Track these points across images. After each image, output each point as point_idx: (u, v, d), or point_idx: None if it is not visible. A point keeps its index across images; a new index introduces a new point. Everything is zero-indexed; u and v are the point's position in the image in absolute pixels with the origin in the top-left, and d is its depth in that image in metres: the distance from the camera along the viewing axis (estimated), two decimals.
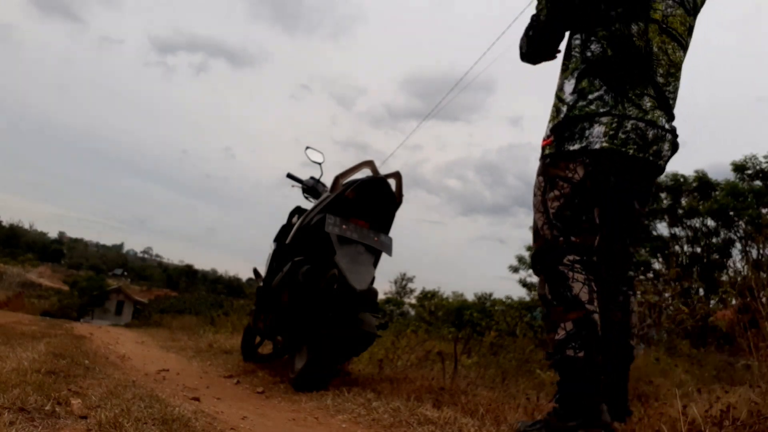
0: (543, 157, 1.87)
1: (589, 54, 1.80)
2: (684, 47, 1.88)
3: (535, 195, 1.88)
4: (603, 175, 1.74)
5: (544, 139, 1.87)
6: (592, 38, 1.81)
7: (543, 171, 1.86)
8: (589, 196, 1.76)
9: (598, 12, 1.78)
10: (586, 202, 1.75)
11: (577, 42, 1.86)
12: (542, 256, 1.78)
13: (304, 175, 4.12)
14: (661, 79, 1.80)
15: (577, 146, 1.74)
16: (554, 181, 1.79)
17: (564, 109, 1.79)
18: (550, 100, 1.96)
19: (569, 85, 1.81)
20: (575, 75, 1.81)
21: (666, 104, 1.81)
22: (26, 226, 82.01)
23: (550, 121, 1.85)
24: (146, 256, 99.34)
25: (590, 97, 1.76)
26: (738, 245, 12.30)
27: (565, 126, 1.75)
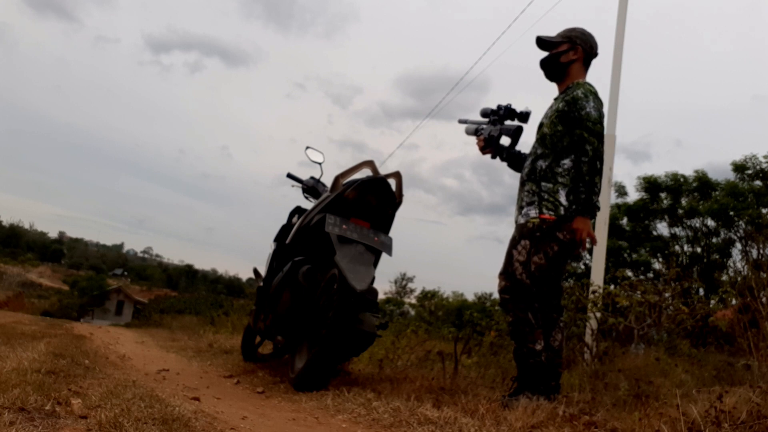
0: (532, 229, 2.62)
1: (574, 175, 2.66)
2: None
3: (515, 248, 2.65)
4: (567, 252, 2.67)
5: (542, 215, 2.63)
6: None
7: (530, 237, 2.62)
8: (556, 265, 2.68)
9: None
10: (553, 268, 2.66)
11: (568, 162, 2.66)
12: (521, 295, 2.60)
13: (304, 175, 4.13)
14: None
15: (560, 235, 2.60)
16: (539, 249, 2.61)
17: (561, 210, 2.62)
18: (545, 99, 2.87)
19: (563, 194, 2.64)
20: (566, 189, 2.64)
21: None
22: (26, 226, 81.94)
23: (545, 209, 2.64)
24: (146, 256, 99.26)
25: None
26: (738, 245, 12.31)
27: (562, 220, 2.59)
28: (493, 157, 3.00)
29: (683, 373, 3.27)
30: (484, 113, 3.06)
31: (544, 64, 2.85)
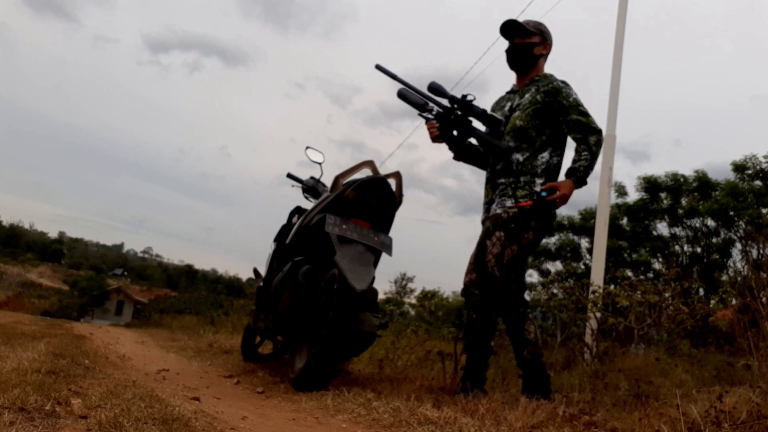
0: (508, 220, 2.61)
1: (550, 164, 2.70)
2: None
3: (489, 239, 2.63)
4: (539, 240, 2.71)
5: (519, 202, 2.61)
6: (558, 153, 2.73)
7: (505, 228, 2.61)
8: (527, 255, 2.73)
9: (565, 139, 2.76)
10: (524, 258, 2.70)
11: (546, 155, 2.70)
12: (489, 290, 2.63)
13: (304, 175, 4.13)
14: None
15: (534, 223, 2.61)
16: (513, 240, 2.60)
17: (536, 196, 2.61)
18: None
19: (539, 184, 2.65)
20: (542, 179, 2.66)
21: None
22: (26, 226, 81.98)
23: (521, 198, 2.63)
24: (146, 256, 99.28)
25: None
26: (738, 245, 12.30)
27: (538, 205, 2.58)
28: (457, 157, 2.84)
29: (683, 373, 3.27)
30: (438, 91, 2.73)
31: (516, 51, 2.78)
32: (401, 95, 2.78)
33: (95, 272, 58.51)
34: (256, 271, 4.23)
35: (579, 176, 2.59)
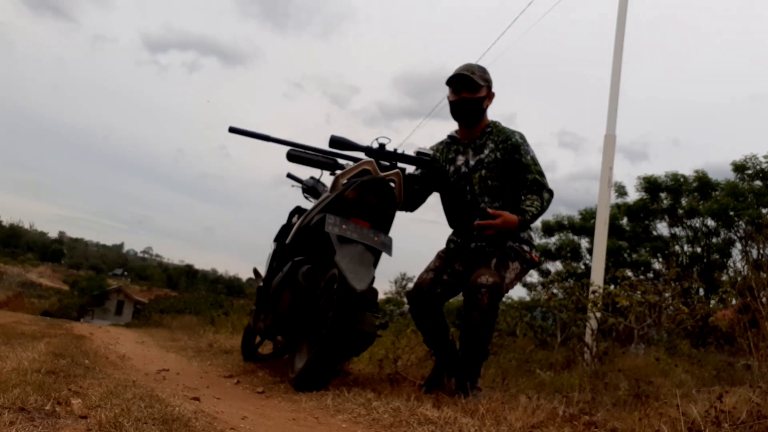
0: (524, 259, 2.75)
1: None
2: None
3: (513, 262, 2.71)
4: None
5: (533, 255, 2.80)
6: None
7: (522, 263, 2.74)
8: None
9: None
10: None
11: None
12: (498, 301, 2.65)
13: (304, 175, 4.12)
14: None
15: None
16: (518, 278, 2.77)
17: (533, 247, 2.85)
18: (542, 99, 3.33)
19: (534, 236, 2.91)
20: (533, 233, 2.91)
21: None
22: (26, 226, 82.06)
23: (534, 251, 2.83)
24: (146, 256, 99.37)
25: None
26: (738, 245, 12.31)
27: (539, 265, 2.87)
28: (412, 209, 3.21)
29: (683, 373, 3.27)
30: (346, 144, 2.84)
31: (464, 106, 2.71)
32: (296, 157, 2.73)
33: (95, 272, 58.55)
34: (256, 271, 4.23)
35: (527, 219, 2.58)
